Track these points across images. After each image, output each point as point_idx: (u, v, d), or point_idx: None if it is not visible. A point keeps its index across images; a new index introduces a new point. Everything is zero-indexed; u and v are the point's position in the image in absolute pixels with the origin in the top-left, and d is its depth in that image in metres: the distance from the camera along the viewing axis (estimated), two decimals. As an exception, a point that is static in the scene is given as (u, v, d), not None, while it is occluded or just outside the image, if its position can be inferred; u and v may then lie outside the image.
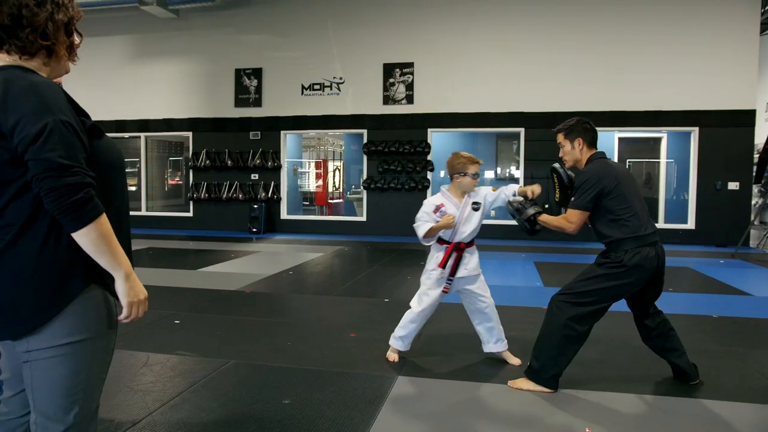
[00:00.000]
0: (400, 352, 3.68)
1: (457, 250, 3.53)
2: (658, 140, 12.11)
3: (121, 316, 1.54)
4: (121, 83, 12.82)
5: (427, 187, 11.52)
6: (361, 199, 12.39)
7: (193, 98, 12.60)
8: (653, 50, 10.47)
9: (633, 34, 10.56)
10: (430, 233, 3.46)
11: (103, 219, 1.43)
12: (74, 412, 1.51)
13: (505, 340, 3.65)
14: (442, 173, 13.16)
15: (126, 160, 10.79)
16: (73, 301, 1.46)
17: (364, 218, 12.00)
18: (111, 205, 1.57)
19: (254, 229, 11.82)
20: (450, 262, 3.50)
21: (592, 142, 3.29)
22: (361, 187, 12.11)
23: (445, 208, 3.51)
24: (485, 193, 3.60)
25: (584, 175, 3.15)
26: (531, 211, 3.32)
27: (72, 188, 1.36)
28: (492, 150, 13.66)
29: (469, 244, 3.59)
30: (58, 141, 1.37)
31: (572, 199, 3.17)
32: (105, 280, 1.52)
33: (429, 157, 11.53)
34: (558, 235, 10.89)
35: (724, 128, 10.23)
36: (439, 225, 3.44)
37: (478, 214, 3.55)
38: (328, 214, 15.05)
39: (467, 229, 3.53)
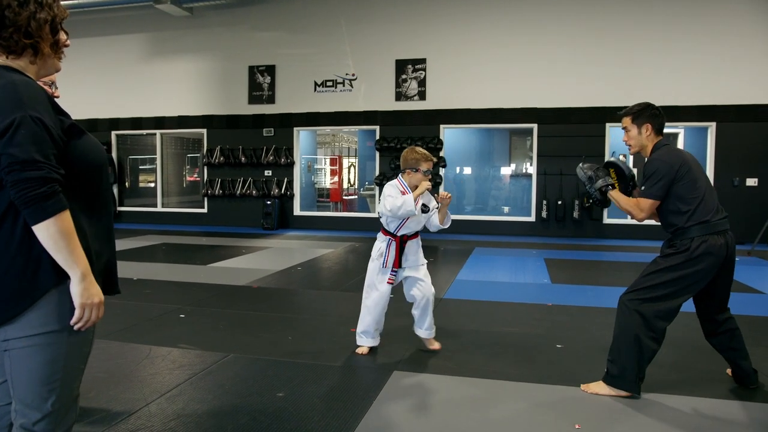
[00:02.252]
0: (369, 347, 3.75)
1: (401, 242, 3.60)
2: (674, 136, 11.92)
3: (73, 320, 1.51)
4: (136, 81, 13.01)
5: (440, 183, 11.49)
6: (373, 196, 12.42)
7: (207, 95, 12.73)
8: (668, 44, 10.31)
9: (648, 28, 10.40)
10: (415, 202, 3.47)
11: (65, 216, 1.45)
12: (51, 401, 1.54)
13: (433, 329, 3.73)
14: (458, 169, 13.16)
15: (143, 157, 10.84)
16: (48, 293, 1.50)
17: (376, 214, 12.02)
18: (92, 203, 1.61)
19: (267, 225, 11.91)
20: (393, 254, 3.58)
21: (659, 129, 3.12)
22: (374, 184, 12.13)
23: (407, 195, 3.52)
24: (435, 204, 3.69)
25: (655, 164, 3.00)
26: (601, 183, 3.22)
27: (34, 182, 1.40)
28: (506, 146, 13.59)
29: (413, 236, 3.66)
30: (24, 136, 1.40)
31: (643, 187, 3.02)
32: None
33: (441, 154, 11.49)
34: (569, 232, 10.88)
35: (742, 123, 10.04)
36: (419, 190, 3.50)
37: (424, 215, 3.64)
38: (343, 211, 15.10)
39: (413, 224, 3.62)
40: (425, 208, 3.60)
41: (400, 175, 3.68)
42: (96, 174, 1.63)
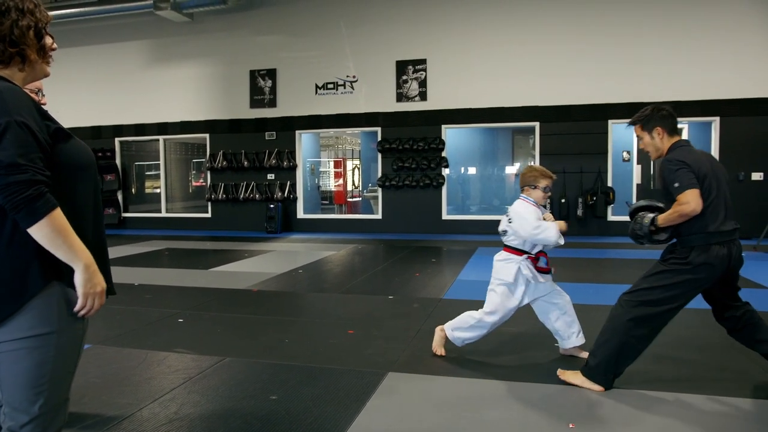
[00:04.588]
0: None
1: (536, 259, 3.52)
2: (678, 131, 11.81)
3: (77, 307, 1.55)
4: (139, 87, 13.07)
5: (442, 183, 11.46)
6: (377, 197, 12.41)
7: (209, 100, 12.77)
8: (670, 39, 10.23)
9: (649, 23, 10.33)
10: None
11: (57, 213, 1.46)
12: (39, 404, 1.55)
13: (581, 336, 3.60)
14: (461, 169, 13.12)
15: (148, 163, 10.87)
16: (36, 296, 1.51)
17: (379, 216, 12.00)
18: (79, 205, 1.62)
19: (270, 229, 11.91)
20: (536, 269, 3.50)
21: (672, 129, 3.03)
22: (377, 185, 12.11)
23: (551, 224, 3.43)
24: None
25: (672, 163, 2.87)
26: (647, 223, 2.95)
27: (21, 185, 1.41)
28: (509, 145, 13.54)
29: (542, 252, 3.58)
30: (9, 140, 1.43)
31: (675, 185, 2.84)
32: (67, 277, 1.56)
33: (443, 154, 11.46)
34: (573, 230, 10.73)
35: (746, 117, 9.95)
36: (561, 225, 3.39)
37: None
38: (348, 213, 15.10)
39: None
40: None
41: (522, 194, 3.58)
42: (83, 176, 1.64)
